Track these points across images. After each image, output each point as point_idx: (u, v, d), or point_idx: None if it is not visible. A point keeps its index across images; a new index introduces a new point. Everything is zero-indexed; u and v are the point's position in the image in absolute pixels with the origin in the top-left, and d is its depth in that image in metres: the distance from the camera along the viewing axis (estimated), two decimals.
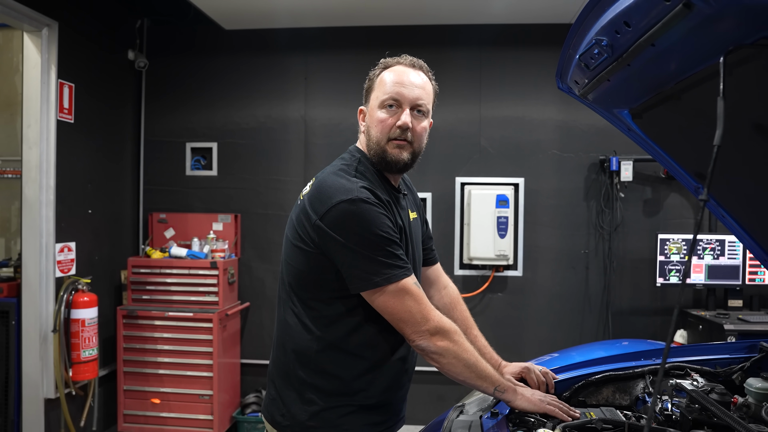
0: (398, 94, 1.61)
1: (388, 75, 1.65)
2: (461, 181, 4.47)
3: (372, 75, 1.71)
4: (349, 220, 1.49)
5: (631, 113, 1.63)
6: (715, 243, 4.06)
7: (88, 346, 3.70)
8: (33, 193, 3.62)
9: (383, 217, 1.52)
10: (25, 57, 3.62)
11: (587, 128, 4.37)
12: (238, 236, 4.62)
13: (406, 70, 1.66)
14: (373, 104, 1.66)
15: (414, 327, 1.52)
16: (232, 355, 4.44)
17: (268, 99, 4.63)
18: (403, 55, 1.70)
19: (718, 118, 0.99)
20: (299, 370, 1.61)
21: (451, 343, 1.53)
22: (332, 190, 1.54)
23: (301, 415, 1.60)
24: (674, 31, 1.07)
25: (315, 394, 1.60)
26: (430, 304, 1.56)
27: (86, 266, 3.99)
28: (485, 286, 4.43)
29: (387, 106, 1.62)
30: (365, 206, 1.50)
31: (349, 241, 1.50)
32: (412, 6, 4.13)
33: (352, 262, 1.51)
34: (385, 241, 1.51)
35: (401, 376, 1.69)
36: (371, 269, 1.50)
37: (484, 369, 1.56)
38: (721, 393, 1.57)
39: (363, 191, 1.52)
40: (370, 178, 1.64)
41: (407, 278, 1.52)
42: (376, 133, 1.63)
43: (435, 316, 1.53)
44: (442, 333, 1.53)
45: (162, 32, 4.71)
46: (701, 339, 3.89)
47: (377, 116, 1.63)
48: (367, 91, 1.72)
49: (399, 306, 1.52)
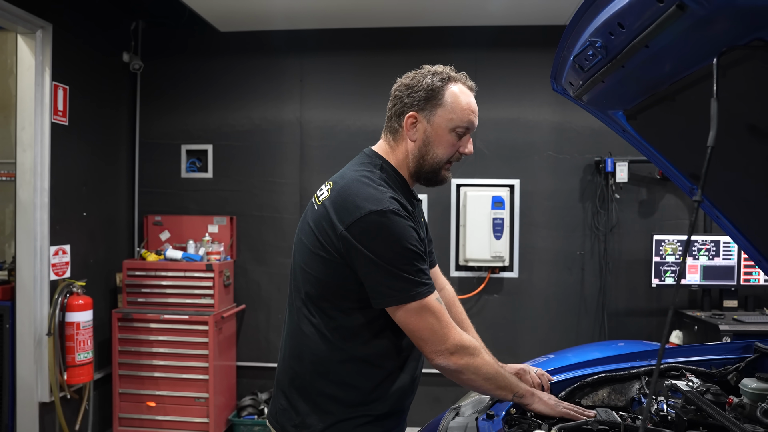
0: (470, 123, 1.62)
1: (462, 98, 1.61)
2: (457, 182, 4.47)
3: (432, 84, 1.60)
4: (379, 233, 1.46)
5: (626, 114, 1.64)
6: (710, 244, 4.07)
7: (83, 350, 3.69)
8: (27, 195, 3.61)
9: (411, 230, 1.50)
10: (19, 59, 3.61)
11: (582, 129, 4.38)
12: (234, 238, 4.62)
13: (472, 96, 1.64)
14: (443, 124, 1.59)
15: (434, 346, 1.51)
16: (228, 357, 4.42)
17: (263, 101, 4.63)
18: (462, 72, 1.66)
19: (711, 119, 1.00)
20: (316, 380, 1.59)
21: (471, 360, 1.53)
22: (360, 199, 1.49)
23: (316, 426, 1.57)
24: (668, 32, 1.07)
25: (332, 404, 1.57)
26: (451, 320, 1.54)
27: (81, 269, 3.97)
28: (481, 287, 4.43)
29: (458, 132, 1.61)
30: (395, 218, 1.47)
31: (376, 254, 1.46)
32: (407, 8, 4.13)
33: (377, 277, 1.48)
34: (413, 256, 1.49)
35: (413, 382, 1.69)
36: (396, 285, 1.48)
37: (504, 379, 1.58)
38: (716, 393, 1.57)
39: (393, 202, 1.49)
40: (394, 185, 1.61)
41: (430, 295, 1.50)
42: (441, 154, 1.62)
43: (455, 335, 1.52)
44: (462, 351, 1.52)
45: (157, 34, 4.70)
46: (697, 340, 3.90)
47: (448, 138, 1.60)
48: (428, 102, 1.60)
49: (420, 324, 1.50)
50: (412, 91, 1.61)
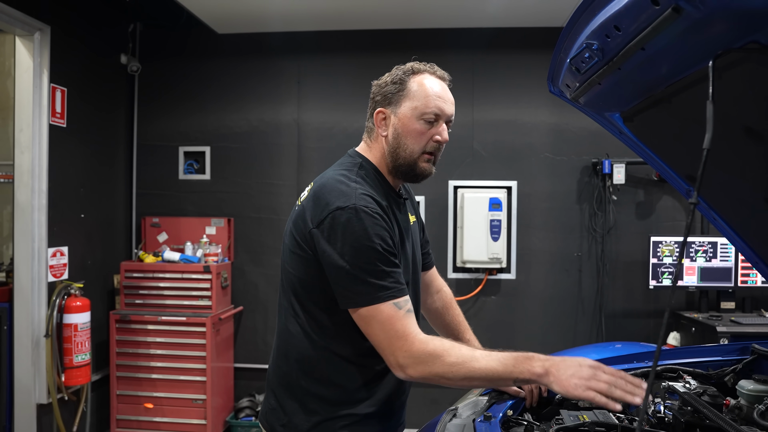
0: (440, 109, 1.59)
1: (427, 85, 1.61)
2: (454, 184, 4.47)
3: (399, 79, 1.63)
4: (343, 229, 1.44)
5: (623, 116, 1.64)
6: (708, 245, 4.08)
7: (81, 351, 3.68)
8: (25, 197, 3.60)
9: (380, 229, 1.46)
10: (17, 61, 3.61)
11: (579, 131, 4.39)
12: (231, 240, 4.61)
13: (443, 84, 1.65)
14: (409, 113, 1.59)
15: (386, 357, 1.48)
16: (226, 359, 4.42)
17: (261, 103, 4.63)
18: (430, 63, 1.67)
19: (707, 121, 1.00)
20: (302, 379, 1.58)
21: (428, 368, 1.43)
22: (330, 196, 1.49)
23: (302, 425, 1.57)
24: (664, 35, 1.07)
25: (318, 403, 1.56)
26: (403, 328, 1.44)
27: (79, 271, 3.97)
28: (478, 289, 4.44)
29: (426, 119, 1.59)
30: (362, 215, 1.44)
31: (338, 251, 1.44)
32: (404, 10, 4.14)
33: (336, 276, 1.46)
34: (375, 256, 1.44)
35: (402, 383, 1.66)
36: (352, 287, 1.45)
37: (491, 372, 1.43)
38: (713, 395, 1.57)
39: (362, 198, 1.48)
40: (371, 183, 1.59)
41: (389, 301, 1.44)
42: (412, 144, 1.59)
43: (402, 346, 1.43)
44: (414, 363, 1.43)
45: (154, 36, 4.70)
46: (694, 341, 3.90)
47: (416, 127, 1.58)
48: (394, 95, 1.62)
49: (370, 331, 1.47)
50: (380, 89, 1.65)
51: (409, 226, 1.73)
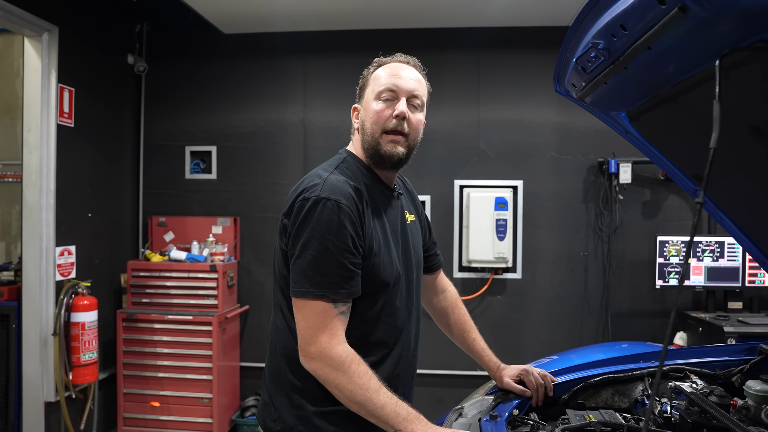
0: (395, 85, 1.60)
1: (383, 70, 1.65)
2: (460, 183, 4.47)
3: (366, 72, 1.71)
4: (304, 217, 1.47)
5: (629, 116, 1.64)
6: (715, 245, 4.06)
7: (88, 350, 3.70)
8: (33, 196, 3.63)
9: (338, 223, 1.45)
10: (26, 62, 3.63)
11: (585, 131, 4.38)
12: (238, 239, 4.63)
13: (401, 65, 1.67)
14: (368, 98, 1.64)
15: (301, 343, 1.48)
16: (232, 358, 4.44)
17: (266, 102, 4.64)
18: (396, 54, 1.72)
19: (714, 120, 1.00)
20: (288, 373, 1.58)
21: (332, 373, 1.43)
22: (300, 186, 1.54)
23: (289, 420, 1.56)
24: (670, 34, 1.07)
25: (304, 398, 1.56)
26: (334, 328, 1.45)
27: (86, 269, 3.99)
28: (484, 288, 4.43)
29: (383, 98, 1.60)
30: (321, 206, 1.46)
31: (295, 237, 1.48)
32: (410, 9, 4.14)
33: (292, 264, 1.50)
34: (324, 252, 1.44)
35: (393, 381, 1.63)
36: (295, 275, 1.48)
37: (379, 410, 1.41)
38: (720, 395, 1.57)
39: (330, 187, 1.48)
40: (353, 174, 1.60)
41: (322, 300, 1.45)
42: (371, 125, 1.60)
43: (324, 342, 1.43)
44: (324, 360, 1.43)
45: (161, 36, 4.72)
46: (701, 341, 3.89)
47: (372, 108, 1.61)
48: (361, 89, 1.70)
49: (298, 316, 1.49)
50: (358, 88, 1.74)
51: (403, 223, 1.72)
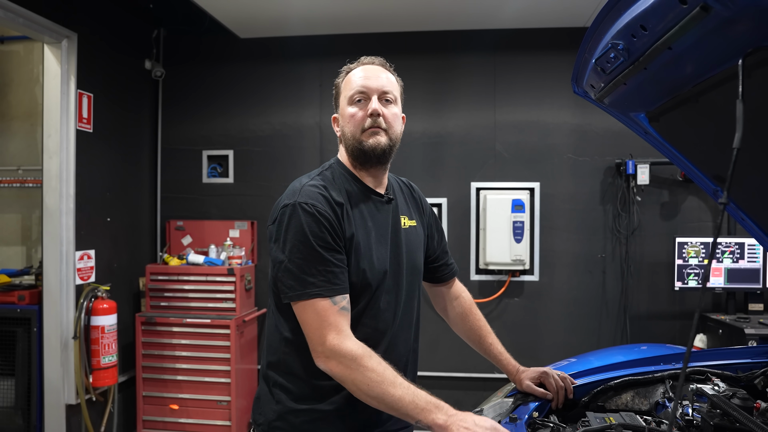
0: (364, 86, 1.65)
1: (351, 75, 1.72)
2: (476, 186, 4.46)
3: (337, 82, 1.78)
4: (286, 226, 1.52)
5: (648, 117, 1.63)
6: (735, 246, 4.02)
7: (108, 353, 3.74)
8: (53, 201, 3.67)
9: (317, 226, 1.49)
10: (46, 68, 3.68)
11: (603, 132, 4.35)
12: (255, 243, 4.65)
13: (368, 66, 1.73)
14: (343, 104, 1.70)
15: (313, 346, 1.49)
16: (250, 361, 4.46)
17: (283, 106, 4.67)
18: (361, 57, 1.79)
19: (737, 120, 0.99)
20: (272, 370, 1.64)
21: (346, 371, 1.43)
22: (284, 195, 1.60)
23: (270, 415, 1.62)
24: (691, 34, 1.06)
25: (283, 394, 1.60)
26: (339, 325, 1.46)
27: (105, 273, 4.04)
28: (501, 291, 4.42)
29: (355, 101, 1.65)
30: (299, 212, 1.50)
31: (280, 247, 1.52)
32: (424, 12, 4.14)
33: (277, 271, 1.53)
34: (310, 252, 1.48)
35: None
36: (287, 282, 1.50)
37: (398, 402, 1.40)
38: (743, 398, 1.55)
39: (307, 195, 1.53)
40: (336, 181, 1.64)
41: (318, 298, 1.47)
42: (350, 128, 1.65)
43: (333, 339, 1.44)
44: (337, 358, 1.44)
45: (178, 42, 4.76)
46: (721, 343, 3.84)
47: (348, 112, 1.66)
48: (335, 98, 1.78)
49: (303, 319, 1.50)
50: (333, 99, 1.81)
51: (396, 227, 1.70)
